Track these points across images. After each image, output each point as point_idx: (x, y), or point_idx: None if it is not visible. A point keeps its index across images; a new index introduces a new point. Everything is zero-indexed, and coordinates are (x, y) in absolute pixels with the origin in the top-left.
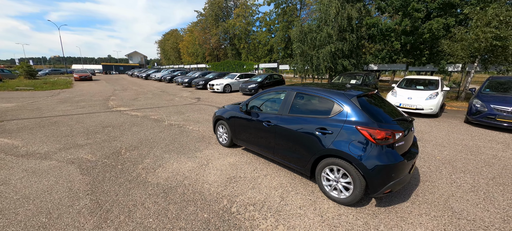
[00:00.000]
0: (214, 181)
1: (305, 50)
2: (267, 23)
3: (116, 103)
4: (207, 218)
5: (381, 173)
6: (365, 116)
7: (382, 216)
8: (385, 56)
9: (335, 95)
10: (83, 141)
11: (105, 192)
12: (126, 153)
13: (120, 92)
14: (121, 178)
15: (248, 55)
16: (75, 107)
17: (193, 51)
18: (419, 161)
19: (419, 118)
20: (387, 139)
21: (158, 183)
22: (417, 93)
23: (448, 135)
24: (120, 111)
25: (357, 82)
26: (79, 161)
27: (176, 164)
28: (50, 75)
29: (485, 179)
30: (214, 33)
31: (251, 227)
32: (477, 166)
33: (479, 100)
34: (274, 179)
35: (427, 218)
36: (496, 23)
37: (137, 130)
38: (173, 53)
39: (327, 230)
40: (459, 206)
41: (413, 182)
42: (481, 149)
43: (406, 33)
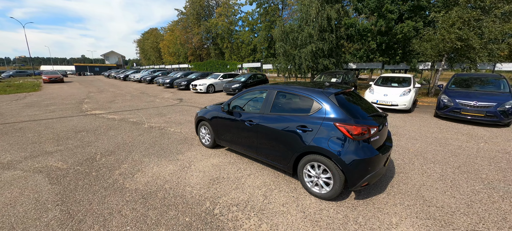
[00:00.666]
0: (197, 183)
1: (287, 49)
2: (249, 23)
3: (91, 106)
4: (189, 221)
5: (358, 167)
6: (343, 113)
7: (361, 208)
8: (362, 55)
9: (314, 94)
10: (53, 148)
11: (77, 201)
12: (101, 158)
13: (95, 95)
14: (95, 185)
15: (232, 55)
16: (44, 112)
17: (175, 51)
18: (394, 154)
19: (394, 113)
20: (363, 134)
21: (136, 188)
22: (392, 91)
23: (419, 128)
24: (95, 115)
25: (337, 80)
26: (47, 170)
27: (156, 167)
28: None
29: (452, 168)
30: (196, 33)
31: (234, 227)
32: (445, 157)
33: (446, 96)
34: (258, 178)
35: (401, 207)
36: (460, 24)
37: (114, 134)
38: (153, 53)
39: (309, 225)
40: (429, 194)
41: (388, 174)
42: (448, 141)
43: (381, 33)
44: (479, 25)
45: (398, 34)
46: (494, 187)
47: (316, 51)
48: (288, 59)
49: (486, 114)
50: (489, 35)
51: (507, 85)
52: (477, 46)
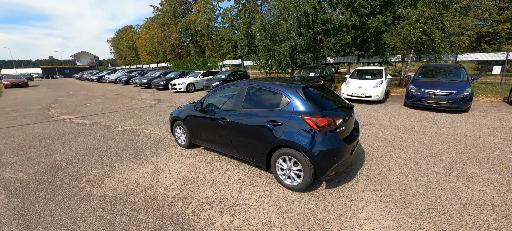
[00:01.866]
0: (170, 184)
1: (267, 45)
2: (229, 19)
3: (59, 111)
4: (159, 224)
5: (326, 157)
6: (310, 106)
7: (330, 197)
8: (338, 49)
9: (283, 88)
10: (12, 158)
11: (37, 213)
12: (67, 166)
13: (64, 99)
14: (59, 195)
15: (212, 52)
16: (4, 120)
17: (152, 50)
18: (365, 142)
19: (368, 104)
20: (329, 126)
21: (105, 195)
22: (366, 83)
23: (390, 117)
24: (63, 120)
25: (315, 74)
26: (4, 182)
27: (128, 171)
28: None
29: (416, 153)
30: (174, 30)
31: (206, 226)
32: (410, 143)
33: (413, 86)
34: (233, 175)
35: (367, 193)
36: (424, 19)
37: (83, 139)
38: (129, 52)
39: (280, 217)
40: (394, 178)
41: (359, 162)
42: (414, 128)
43: (356, 28)
44: (441, 18)
45: (370, 29)
46: (451, 168)
47: (295, 47)
48: (268, 55)
49: (447, 102)
50: (449, 28)
51: (466, 74)
52: (438, 39)
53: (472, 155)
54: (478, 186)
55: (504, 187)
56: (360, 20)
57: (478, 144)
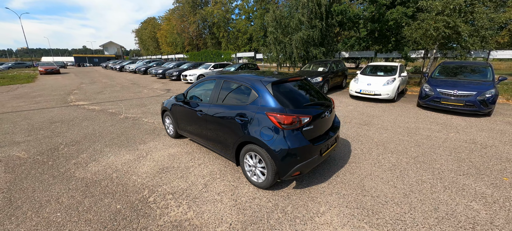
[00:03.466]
0: (145, 172)
1: (278, 36)
2: (245, 11)
3: (77, 97)
4: (119, 209)
5: (288, 156)
6: (275, 102)
7: (295, 197)
8: (353, 43)
9: (253, 82)
10: (22, 138)
11: (22, 189)
12: (64, 148)
13: (86, 86)
14: (46, 174)
15: (228, 44)
16: (29, 103)
17: (172, 41)
18: (357, 143)
19: (378, 103)
20: (293, 124)
21: (84, 177)
22: (376, 80)
23: (396, 118)
24: (77, 105)
25: (324, 69)
26: (7, 159)
27: (113, 157)
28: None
29: (408, 158)
30: (192, 21)
31: (161, 215)
32: (406, 147)
33: (428, 85)
34: (207, 167)
35: (336, 196)
36: (449, 10)
37: (87, 124)
38: (151, 43)
39: (235, 213)
40: (371, 184)
41: (339, 163)
42: (419, 131)
43: (373, 20)
44: (470, 10)
45: (389, 21)
46: (442, 177)
47: (307, 40)
48: (279, 48)
49: (465, 104)
50: (479, 21)
51: (492, 74)
52: (466, 33)
53: (475, 164)
54: (465, 200)
55: (498, 204)
56: (378, 11)
57: (487, 153)
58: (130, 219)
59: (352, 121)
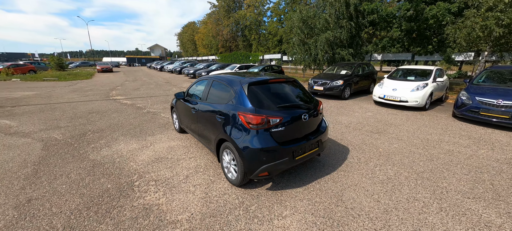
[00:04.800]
0: (142, 160)
1: (303, 38)
2: (277, 13)
3: (117, 92)
4: (108, 188)
5: (254, 156)
6: (247, 102)
7: (264, 198)
8: (385, 44)
9: (233, 82)
10: (65, 124)
11: (48, 163)
12: (90, 134)
13: (128, 83)
14: (69, 154)
15: (259, 46)
16: (80, 96)
17: (208, 43)
18: (356, 151)
19: (403, 110)
20: (261, 124)
21: (94, 159)
22: (404, 85)
23: (418, 128)
24: (115, 99)
25: (347, 72)
26: (47, 139)
27: (122, 145)
28: (80, 67)
29: (411, 172)
30: (226, 25)
31: (139, 197)
32: (415, 160)
33: (465, 92)
34: (196, 161)
35: (306, 202)
36: (502, 6)
37: (115, 116)
38: (190, 45)
39: (200, 205)
40: (352, 195)
41: (327, 170)
42: (440, 144)
43: (410, 19)
44: None
45: (429, 20)
46: (443, 198)
47: (334, 41)
48: (304, 49)
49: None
50: None
51: None
52: None
53: (496, 188)
54: (460, 227)
55: None
56: (415, 8)
57: None
58: (113, 197)
59: (363, 128)
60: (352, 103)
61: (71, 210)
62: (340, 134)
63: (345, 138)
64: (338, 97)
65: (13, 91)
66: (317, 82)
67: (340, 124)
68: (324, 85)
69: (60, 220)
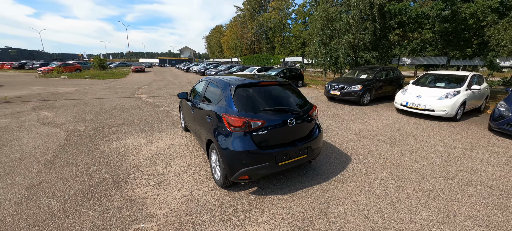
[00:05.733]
0: (143, 155)
1: (323, 39)
2: (302, 15)
3: (142, 91)
4: (106, 178)
5: (233, 158)
6: (232, 104)
7: (244, 201)
8: (415, 47)
9: (222, 84)
10: (90, 117)
11: (65, 152)
12: (107, 128)
13: (155, 82)
14: (84, 144)
15: (282, 49)
16: (111, 93)
17: (233, 46)
18: (358, 161)
19: (429, 120)
20: (242, 127)
21: (103, 151)
22: (430, 92)
23: (441, 141)
24: (138, 97)
25: (368, 76)
26: (72, 131)
27: (132, 139)
28: (118, 67)
29: (416, 190)
30: (251, 27)
31: (130, 188)
32: (426, 176)
33: (505, 103)
34: (191, 159)
35: (286, 211)
36: None
37: (134, 112)
38: (216, 47)
39: (181, 202)
40: (338, 208)
41: (319, 179)
42: (464, 160)
43: (445, 19)
44: None
45: (468, 20)
46: (446, 222)
47: (357, 43)
48: (324, 51)
49: None
50: None
51: None
52: None
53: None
54: None
55: None
56: (451, 7)
57: None
58: (108, 187)
59: (374, 137)
60: (370, 110)
61: (70, 195)
62: (346, 142)
63: (350, 146)
64: (356, 103)
65: (59, 87)
66: (334, 87)
67: (349, 131)
68: (341, 90)
69: (57, 203)
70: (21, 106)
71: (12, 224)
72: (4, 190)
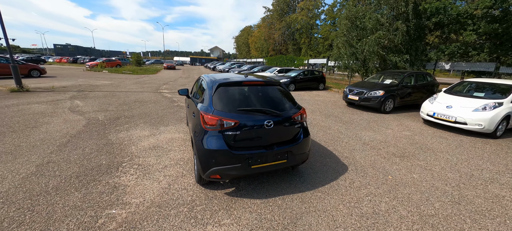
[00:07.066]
0: (142, 146)
1: (349, 39)
2: (331, 16)
3: (166, 87)
4: (103, 163)
5: (204, 156)
6: (210, 102)
7: (216, 201)
8: (454, 51)
9: (209, 83)
10: (111, 108)
11: (79, 137)
12: (122, 119)
13: (181, 79)
14: (96, 132)
15: (308, 51)
16: (138, 88)
17: (259, 46)
18: (355, 173)
19: (461, 135)
20: (215, 126)
21: (110, 139)
22: (463, 102)
23: (465, 160)
24: (160, 92)
25: (393, 82)
26: (92, 119)
27: (138, 131)
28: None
29: (412, 213)
30: (278, 28)
31: (117, 176)
32: (428, 198)
33: None
34: (183, 154)
35: (254, 217)
36: None
37: (150, 106)
38: (244, 48)
39: (156, 194)
40: (311, 221)
41: (305, 187)
42: (489, 185)
43: (494, 19)
44: None
45: None
46: None
47: (387, 44)
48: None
49: None
50: None
51: None
52: None
53: None
54: None
55: None
56: (501, 4)
57: None
58: (101, 172)
59: (384, 149)
60: (391, 119)
61: (66, 176)
62: (349, 151)
63: (352, 156)
64: (377, 110)
65: (98, 80)
66: (352, 91)
67: (357, 139)
68: (359, 95)
69: (54, 182)
70: (62, 95)
71: (14, 194)
72: (19, 165)
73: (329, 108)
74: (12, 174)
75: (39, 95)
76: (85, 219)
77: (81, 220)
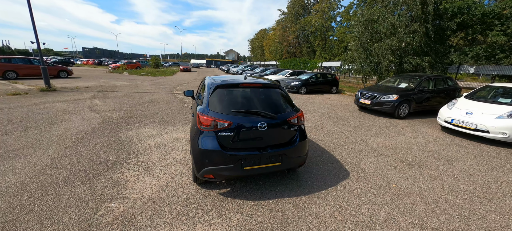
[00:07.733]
0: (148, 144)
1: (363, 42)
2: (347, 18)
3: (180, 88)
4: (109, 159)
5: (197, 155)
6: (207, 104)
7: (210, 200)
8: (479, 53)
9: (209, 85)
10: (126, 108)
11: (92, 134)
12: (134, 118)
13: (195, 81)
14: (108, 130)
15: (322, 53)
16: (153, 89)
17: (273, 49)
18: (356, 179)
19: (481, 144)
20: (209, 127)
21: (120, 136)
22: (486, 108)
23: (483, 171)
24: (173, 93)
25: (408, 86)
26: (107, 117)
27: (147, 129)
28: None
29: (413, 224)
30: (292, 31)
31: (121, 171)
32: (434, 210)
33: None
34: (185, 153)
35: (244, 218)
36: None
37: (162, 106)
38: (259, 50)
39: (155, 190)
40: (301, 227)
41: (301, 191)
42: (506, 199)
43: None
44: None
45: None
46: None
47: (404, 48)
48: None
49: None
50: None
51: None
52: None
53: None
54: None
55: None
56: None
57: None
58: (106, 167)
59: (393, 156)
60: (405, 125)
61: (76, 169)
62: (353, 157)
63: (356, 161)
64: (390, 115)
65: (118, 81)
66: (364, 95)
67: (364, 145)
68: (372, 99)
69: (64, 174)
70: (84, 94)
71: (28, 184)
72: (37, 158)
73: (339, 112)
74: (29, 166)
75: (63, 94)
76: (86, 211)
77: (82, 211)
